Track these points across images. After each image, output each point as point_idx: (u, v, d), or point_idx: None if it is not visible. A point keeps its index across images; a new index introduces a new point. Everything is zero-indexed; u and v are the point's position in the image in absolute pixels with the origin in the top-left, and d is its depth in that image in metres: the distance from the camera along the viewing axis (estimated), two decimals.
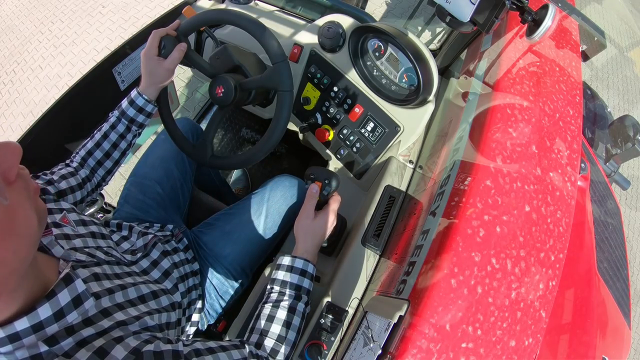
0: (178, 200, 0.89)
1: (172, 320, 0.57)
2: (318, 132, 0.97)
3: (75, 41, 2.23)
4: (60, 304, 0.37)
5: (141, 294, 0.52)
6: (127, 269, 0.57)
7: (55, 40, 2.27)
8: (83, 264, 0.47)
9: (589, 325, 0.85)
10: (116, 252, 0.58)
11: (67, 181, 0.64)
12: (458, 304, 0.46)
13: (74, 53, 2.19)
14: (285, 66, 0.72)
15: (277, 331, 0.58)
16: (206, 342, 0.49)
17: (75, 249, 0.49)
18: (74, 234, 0.52)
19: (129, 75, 1.02)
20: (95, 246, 0.54)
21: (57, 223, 0.51)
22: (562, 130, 0.66)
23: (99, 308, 0.42)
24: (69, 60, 2.16)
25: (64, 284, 0.39)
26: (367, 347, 0.47)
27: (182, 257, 0.74)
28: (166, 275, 0.65)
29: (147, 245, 0.67)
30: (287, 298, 0.61)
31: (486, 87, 0.71)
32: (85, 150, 0.71)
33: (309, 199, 0.69)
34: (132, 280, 0.54)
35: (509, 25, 0.80)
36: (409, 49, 0.75)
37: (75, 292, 0.39)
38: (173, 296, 0.62)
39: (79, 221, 0.55)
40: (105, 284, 0.47)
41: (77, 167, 0.69)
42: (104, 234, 0.59)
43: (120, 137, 0.73)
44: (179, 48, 0.74)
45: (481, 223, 0.51)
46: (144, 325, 0.46)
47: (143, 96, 0.73)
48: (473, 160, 0.58)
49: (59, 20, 2.36)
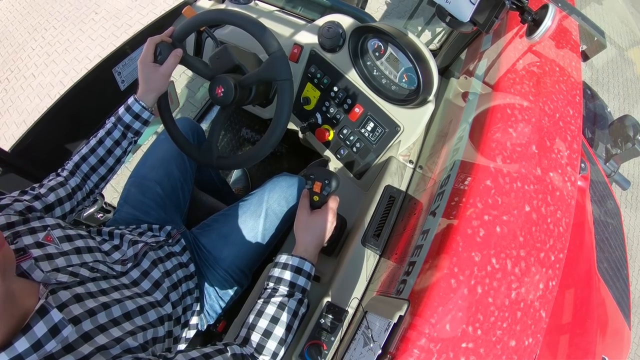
0: (178, 200, 0.89)
1: (160, 334, 0.57)
2: (318, 132, 0.97)
3: (67, 49, 2.22)
4: (37, 335, 0.38)
5: (126, 311, 0.52)
6: (114, 282, 0.56)
7: (48, 48, 2.26)
8: (64, 285, 0.47)
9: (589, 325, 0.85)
10: (103, 266, 0.58)
11: (56, 193, 0.63)
12: (458, 304, 0.46)
13: (67, 61, 2.17)
14: (281, 55, 0.72)
15: (264, 326, 0.58)
16: (188, 352, 0.50)
17: (57, 269, 0.49)
18: (58, 252, 0.51)
19: (129, 75, 1.02)
20: (80, 263, 0.54)
21: (40, 242, 0.50)
22: (562, 130, 0.66)
23: (80, 332, 0.43)
24: (62, 69, 2.14)
25: (39, 316, 0.39)
26: (367, 347, 0.47)
27: (175, 262, 0.73)
28: (156, 285, 0.65)
29: (138, 254, 0.66)
30: (279, 295, 0.62)
31: (486, 87, 0.71)
32: (79, 156, 0.71)
33: (304, 198, 0.71)
34: (119, 296, 0.54)
35: (509, 25, 0.80)
36: (409, 49, 0.75)
37: (52, 322, 0.40)
38: (163, 308, 0.61)
39: (64, 237, 0.55)
40: (88, 304, 0.47)
41: (68, 175, 0.68)
42: (91, 247, 0.59)
43: (115, 143, 0.72)
44: (174, 54, 0.74)
45: (481, 223, 0.51)
46: (125, 347, 0.46)
47: (140, 103, 0.73)
48: (473, 160, 0.58)
49: (52, 27, 2.34)
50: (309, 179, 0.72)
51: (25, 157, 0.83)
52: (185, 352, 0.50)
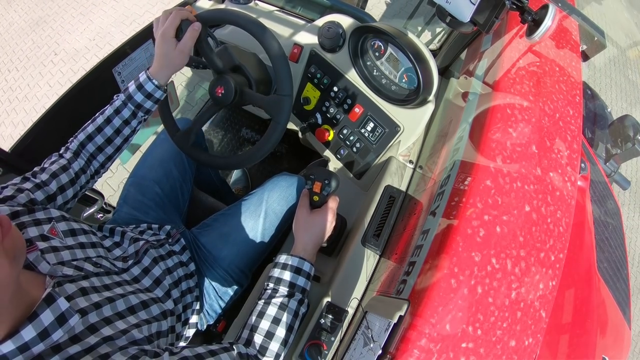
0: (177, 200, 0.89)
1: (163, 328, 0.57)
2: (318, 132, 0.97)
3: (27, 96, 2.12)
4: (44, 324, 0.38)
5: (130, 305, 0.52)
6: (117, 279, 0.56)
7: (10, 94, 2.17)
8: (70, 278, 0.47)
9: (589, 325, 0.85)
10: (106, 262, 0.58)
11: (58, 179, 0.60)
12: (458, 304, 0.46)
13: (26, 111, 2.08)
14: (288, 101, 0.73)
15: (266, 327, 0.58)
16: (195, 348, 0.49)
17: (62, 262, 0.49)
18: (62, 245, 0.51)
19: (129, 75, 1.01)
20: (84, 257, 0.53)
21: (45, 235, 0.50)
22: (562, 130, 0.66)
23: (86, 324, 0.43)
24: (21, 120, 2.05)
25: (46, 304, 0.39)
26: (367, 347, 0.47)
27: (175, 260, 0.73)
28: (157, 283, 0.64)
29: (139, 252, 0.66)
30: (279, 295, 0.62)
31: (486, 87, 0.71)
32: (85, 134, 0.67)
33: (303, 197, 0.71)
34: (122, 291, 0.54)
35: (509, 25, 0.80)
36: (409, 49, 0.75)
37: (59, 310, 0.40)
38: (164, 304, 0.61)
39: (68, 231, 0.54)
40: (93, 297, 0.47)
41: (72, 158, 0.65)
42: (94, 242, 0.58)
43: (124, 122, 0.69)
44: (192, 28, 0.68)
45: (481, 223, 0.51)
46: (131, 339, 0.46)
47: (153, 81, 0.68)
48: (473, 160, 0.58)
49: (15, 69, 2.26)
50: (309, 179, 0.72)
51: (25, 157, 0.83)
52: (191, 348, 0.49)
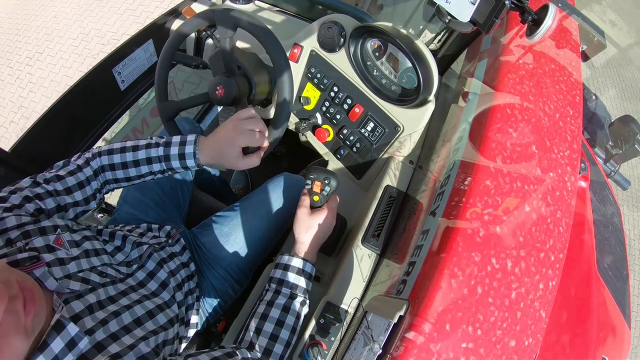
0: (177, 200, 0.89)
1: (170, 337, 0.56)
2: (318, 132, 0.97)
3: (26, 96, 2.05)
4: (55, 352, 0.39)
5: (136, 317, 0.52)
6: (122, 287, 0.55)
7: None
8: (77, 293, 0.47)
9: (589, 325, 0.85)
10: (111, 270, 0.57)
11: (72, 195, 0.59)
12: (458, 304, 0.46)
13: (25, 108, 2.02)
14: (285, 116, 0.76)
15: (270, 330, 0.58)
16: (197, 356, 0.49)
17: (69, 275, 0.48)
18: (68, 257, 0.50)
19: (129, 75, 1.01)
20: (89, 267, 0.52)
21: (50, 246, 0.49)
22: (562, 130, 0.66)
23: (93, 343, 0.43)
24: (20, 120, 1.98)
25: (56, 332, 0.40)
26: (367, 347, 0.47)
27: (177, 262, 0.73)
28: (163, 286, 0.64)
29: (142, 256, 0.66)
30: (282, 297, 0.61)
31: (486, 87, 0.71)
32: (109, 160, 0.65)
33: (303, 197, 0.70)
34: (127, 301, 0.53)
35: (509, 25, 0.80)
36: (409, 49, 0.75)
37: (69, 336, 0.40)
38: (171, 309, 0.61)
39: (72, 242, 0.53)
40: (98, 315, 0.46)
41: (91, 176, 0.63)
42: (97, 249, 0.57)
43: (150, 172, 0.67)
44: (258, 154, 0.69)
45: (481, 223, 0.51)
46: (138, 354, 0.46)
47: (196, 159, 0.65)
48: (473, 160, 0.58)
49: None
50: (309, 179, 0.72)
51: (25, 157, 0.83)
52: (194, 356, 0.49)
